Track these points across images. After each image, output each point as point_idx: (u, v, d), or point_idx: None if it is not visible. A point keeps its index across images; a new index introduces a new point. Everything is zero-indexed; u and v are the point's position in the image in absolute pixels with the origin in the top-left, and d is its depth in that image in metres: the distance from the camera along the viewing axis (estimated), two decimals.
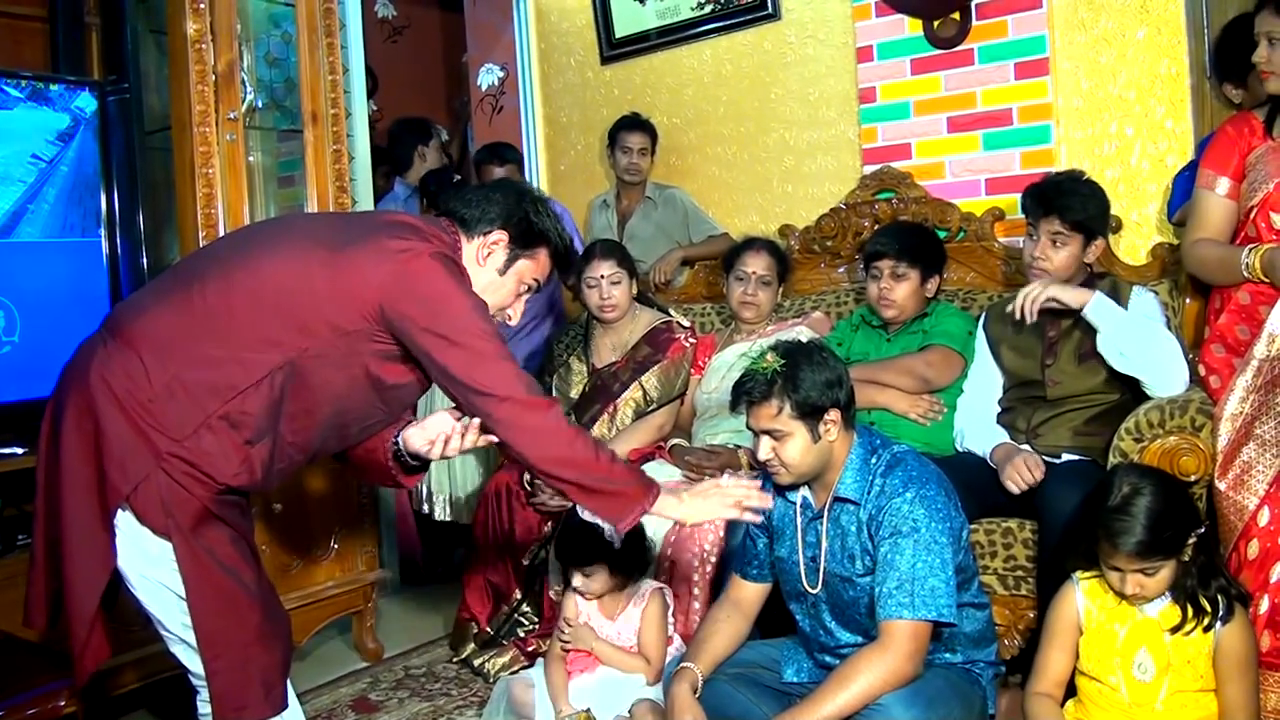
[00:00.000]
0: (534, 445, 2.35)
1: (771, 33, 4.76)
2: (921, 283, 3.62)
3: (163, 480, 2.15)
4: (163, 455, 2.15)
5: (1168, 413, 2.96)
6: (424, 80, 7.60)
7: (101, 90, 3.66)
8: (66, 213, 3.54)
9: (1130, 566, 2.45)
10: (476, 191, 2.60)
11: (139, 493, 2.15)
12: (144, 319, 2.24)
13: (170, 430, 2.16)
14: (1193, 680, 2.45)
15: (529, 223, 2.53)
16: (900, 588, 2.50)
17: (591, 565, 3.12)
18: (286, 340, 2.23)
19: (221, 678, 2.21)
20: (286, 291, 2.24)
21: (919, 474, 2.60)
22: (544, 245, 2.56)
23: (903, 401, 3.51)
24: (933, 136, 4.27)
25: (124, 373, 2.17)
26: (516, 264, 2.53)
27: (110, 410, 2.15)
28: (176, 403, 2.17)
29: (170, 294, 2.28)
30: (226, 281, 2.25)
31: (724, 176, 4.98)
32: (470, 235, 2.50)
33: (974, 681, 2.68)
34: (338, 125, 3.96)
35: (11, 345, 3.39)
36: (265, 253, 2.30)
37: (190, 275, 2.32)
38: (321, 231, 2.40)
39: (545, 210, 2.58)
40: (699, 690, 2.72)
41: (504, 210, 2.52)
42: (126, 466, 2.15)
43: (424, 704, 3.56)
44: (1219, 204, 3.10)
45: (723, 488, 2.55)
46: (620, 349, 4.00)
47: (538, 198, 2.62)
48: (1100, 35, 3.93)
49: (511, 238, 2.51)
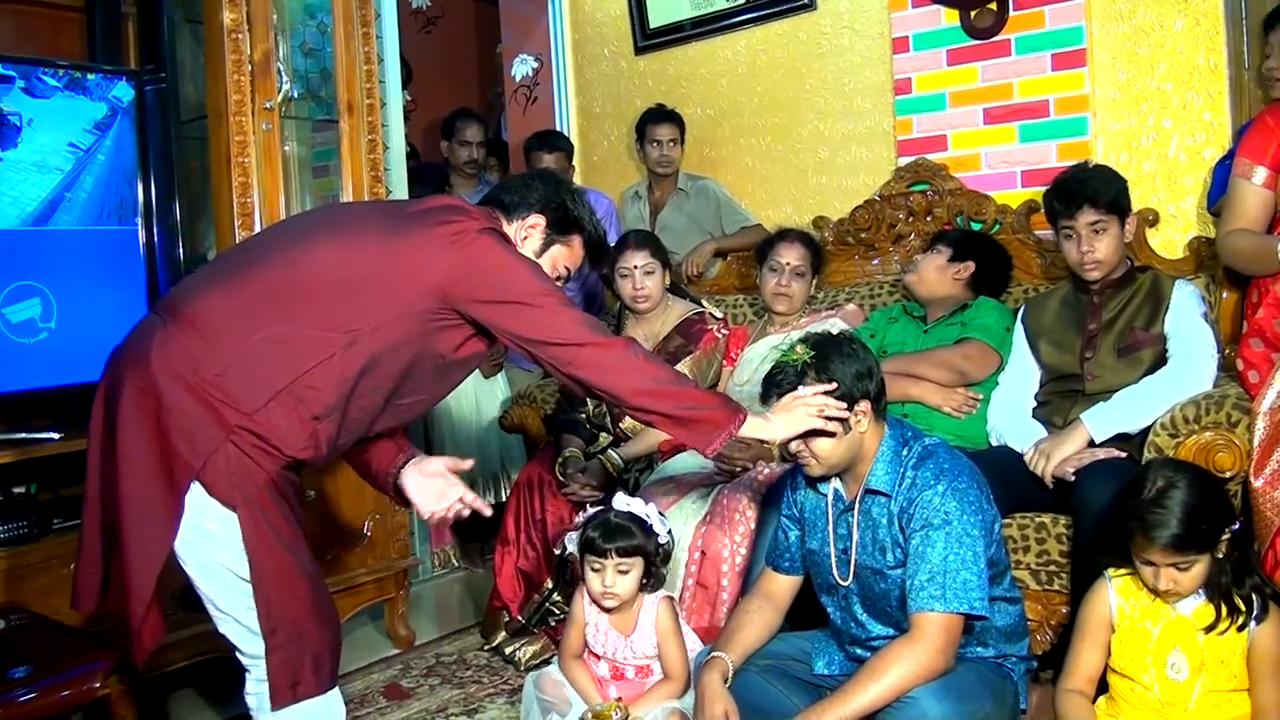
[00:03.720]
0: (621, 381, 2.46)
1: (807, 23, 4.75)
2: (950, 260, 3.69)
3: (232, 452, 2.18)
4: (232, 428, 2.18)
5: (1204, 408, 2.93)
6: (458, 71, 7.63)
7: (138, 80, 3.68)
8: (103, 201, 3.56)
9: (1164, 560, 2.42)
10: (518, 179, 2.71)
11: (209, 466, 2.17)
12: (204, 301, 2.27)
13: (241, 404, 2.19)
14: (1226, 680, 2.43)
15: (565, 209, 2.63)
16: (932, 580, 2.49)
17: (631, 558, 3.02)
18: (351, 322, 2.28)
19: (279, 653, 2.24)
20: (349, 277, 2.31)
21: (951, 466, 2.59)
22: (579, 233, 2.66)
23: (937, 394, 3.50)
24: (969, 128, 4.25)
25: (186, 351, 2.20)
26: (551, 249, 2.63)
27: (175, 387, 2.17)
28: (245, 378, 2.20)
29: (229, 277, 2.32)
30: (288, 266, 2.31)
31: (758, 168, 4.97)
32: (510, 219, 2.59)
33: (1006, 676, 2.67)
34: (373, 115, 3.97)
35: (48, 332, 3.42)
36: (323, 239, 2.36)
37: (247, 260, 2.37)
38: (375, 219, 2.46)
39: (582, 201, 2.68)
40: (730, 680, 2.72)
41: (543, 196, 2.61)
42: (196, 440, 2.17)
43: (455, 691, 3.57)
44: (1255, 193, 3.07)
45: (803, 397, 2.57)
46: (652, 339, 4.00)
47: (575, 188, 2.72)
48: (1138, 26, 3.89)
49: (549, 223, 2.61)
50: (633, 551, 2.99)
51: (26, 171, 3.37)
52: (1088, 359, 3.27)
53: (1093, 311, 3.29)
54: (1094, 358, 3.26)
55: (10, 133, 3.33)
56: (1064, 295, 3.42)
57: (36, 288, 3.40)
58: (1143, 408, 3.06)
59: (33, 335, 3.39)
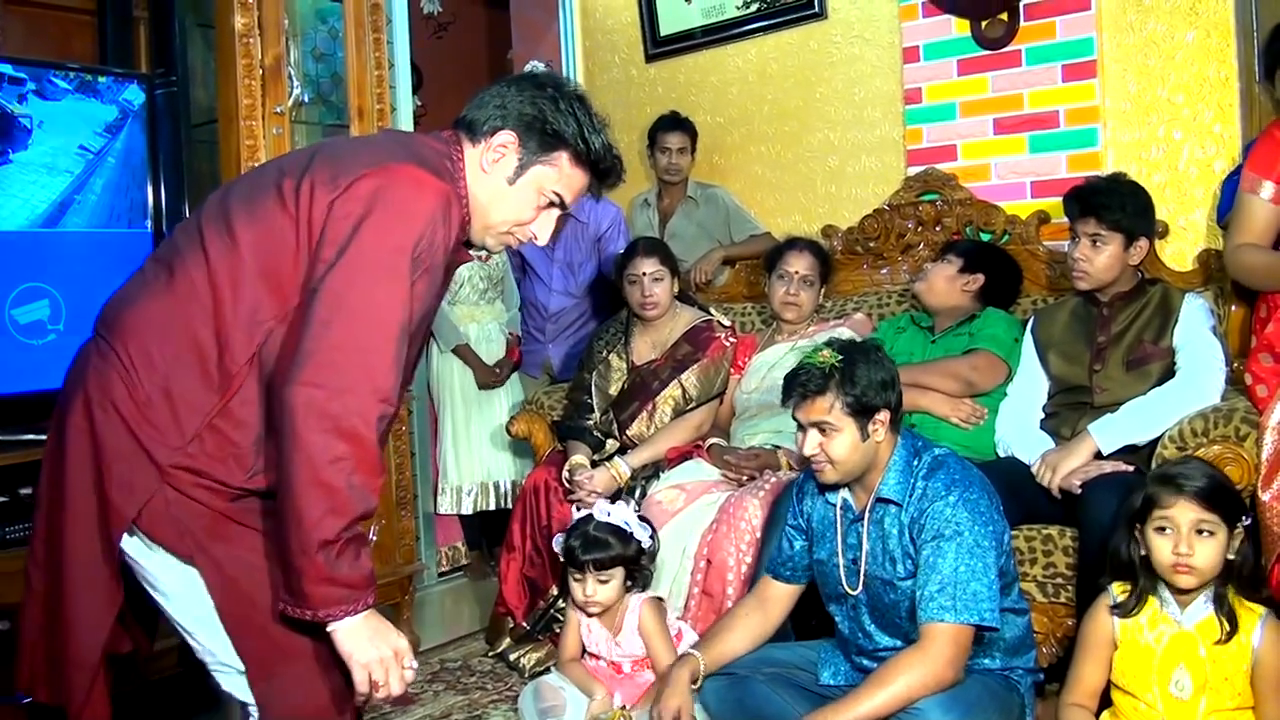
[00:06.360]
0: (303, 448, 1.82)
1: (817, 32, 4.74)
2: (960, 271, 3.67)
3: (171, 495, 1.88)
4: (165, 468, 1.87)
5: (1212, 421, 2.92)
6: (469, 76, 7.62)
7: (149, 83, 3.70)
8: (113, 204, 3.58)
9: (1188, 515, 2.40)
10: (491, 89, 2.16)
11: (147, 513, 1.88)
12: (132, 311, 1.96)
13: (170, 438, 1.88)
14: (1230, 698, 2.41)
15: (543, 121, 2.08)
16: (942, 591, 2.49)
17: (610, 570, 3.09)
18: (266, 310, 1.92)
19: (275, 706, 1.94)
20: (264, 249, 1.93)
21: (962, 477, 2.59)
22: (564, 148, 2.10)
23: (944, 405, 3.49)
24: (979, 138, 4.24)
25: (117, 376, 1.90)
26: (530, 171, 2.10)
27: (108, 422, 1.89)
28: (171, 404, 1.89)
29: (154, 279, 1.99)
30: (209, 251, 1.94)
31: (767, 176, 4.96)
32: (475, 140, 2.10)
33: (1012, 689, 2.66)
34: (383, 120, 3.98)
35: (57, 334, 3.43)
36: (241, 211, 1.97)
37: (171, 255, 2.00)
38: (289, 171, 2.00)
39: (569, 107, 2.11)
40: (699, 681, 2.73)
41: (515, 107, 2.09)
42: (132, 485, 1.88)
43: (459, 697, 3.57)
44: (1263, 208, 3.06)
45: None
46: (660, 347, 4.00)
47: (563, 92, 2.13)
48: (1149, 38, 3.89)
49: (522, 139, 2.09)
50: (610, 563, 3.05)
51: (37, 173, 3.38)
52: (1096, 371, 3.26)
53: (1102, 324, 3.29)
54: (1103, 370, 3.25)
55: (21, 135, 3.34)
56: (1073, 307, 3.41)
57: (45, 290, 3.42)
58: (1150, 420, 3.05)
59: (41, 337, 3.40)
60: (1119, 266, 3.24)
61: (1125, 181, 3.34)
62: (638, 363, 4.03)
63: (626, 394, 3.99)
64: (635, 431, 3.90)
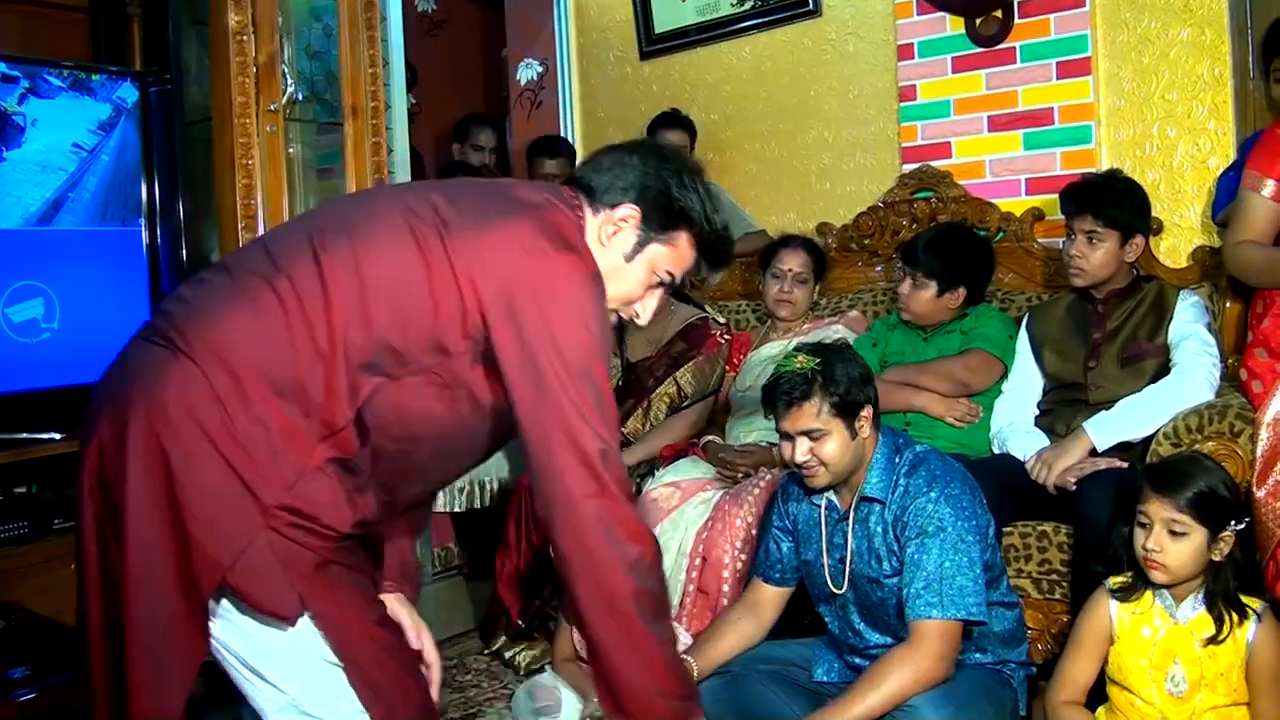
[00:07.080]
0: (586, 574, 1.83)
1: (812, 29, 4.74)
2: (940, 294, 3.59)
3: (275, 540, 1.70)
4: (269, 510, 1.70)
5: (1206, 418, 2.93)
6: (463, 74, 7.61)
7: (143, 81, 3.69)
8: (107, 202, 3.57)
9: (1161, 512, 2.42)
10: (611, 154, 2.05)
11: (243, 563, 1.68)
12: (220, 328, 1.75)
13: (273, 477, 1.71)
14: (1226, 694, 2.41)
15: (668, 198, 1.98)
16: (928, 587, 2.49)
17: None
18: (383, 361, 1.78)
19: None
20: (393, 282, 1.79)
21: (943, 473, 2.60)
22: (686, 228, 2.01)
23: (939, 405, 3.49)
24: (973, 135, 4.24)
25: (209, 401, 1.70)
26: (648, 249, 2.00)
27: (198, 450, 1.68)
28: (271, 442, 1.71)
29: (252, 297, 1.78)
30: (328, 283, 1.77)
31: (762, 173, 4.96)
32: (596, 208, 1.98)
33: (1005, 683, 2.67)
34: (377, 119, 3.96)
35: (50, 332, 3.42)
36: (371, 228, 1.83)
37: (270, 273, 1.79)
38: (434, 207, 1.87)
39: (692, 184, 2.01)
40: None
41: (639, 179, 1.98)
42: (228, 526, 1.69)
43: (454, 695, 3.56)
44: (1264, 206, 3.06)
45: None
46: (655, 344, 3.99)
47: (686, 167, 2.04)
48: (1143, 35, 3.89)
49: (644, 215, 1.98)
50: None
51: (30, 171, 3.37)
52: (1091, 368, 3.26)
53: (1097, 321, 3.29)
54: (1098, 367, 3.25)
55: (14, 133, 3.33)
56: (1069, 304, 3.42)
57: (39, 288, 3.41)
58: (1145, 417, 3.06)
59: (35, 335, 3.40)
60: (1115, 263, 3.24)
61: (1121, 178, 3.35)
62: (632, 360, 4.03)
63: (621, 391, 3.98)
64: (630, 429, 3.90)
